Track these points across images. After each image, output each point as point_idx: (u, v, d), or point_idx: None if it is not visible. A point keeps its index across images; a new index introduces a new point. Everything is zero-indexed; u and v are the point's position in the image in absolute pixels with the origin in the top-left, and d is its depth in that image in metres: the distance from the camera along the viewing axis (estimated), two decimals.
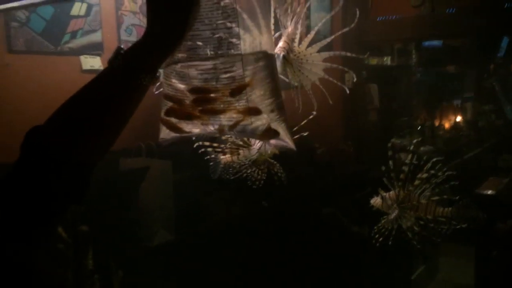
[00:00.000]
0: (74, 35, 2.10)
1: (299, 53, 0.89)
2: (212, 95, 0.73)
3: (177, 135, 0.79)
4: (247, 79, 0.72)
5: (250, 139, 1.09)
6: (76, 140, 0.68)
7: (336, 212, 3.46)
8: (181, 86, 0.76)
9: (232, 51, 0.71)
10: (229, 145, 1.13)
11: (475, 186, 3.44)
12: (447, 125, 5.59)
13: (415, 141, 1.36)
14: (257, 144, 1.10)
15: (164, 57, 0.71)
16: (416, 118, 5.25)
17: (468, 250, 3.66)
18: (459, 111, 5.97)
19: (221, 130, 0.75)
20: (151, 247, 2.04)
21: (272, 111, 0.74)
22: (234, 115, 0.73)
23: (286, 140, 0.77)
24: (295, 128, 0.96)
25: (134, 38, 2.37)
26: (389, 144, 1.35)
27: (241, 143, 1.13)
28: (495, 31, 4.26)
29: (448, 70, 6.33)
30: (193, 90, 0.74)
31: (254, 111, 0.72)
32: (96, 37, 2.19)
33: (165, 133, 0.80)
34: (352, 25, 0.93)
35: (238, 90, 0.72)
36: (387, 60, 4.95)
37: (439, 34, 4.20)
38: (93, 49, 2.19)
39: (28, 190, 0.67)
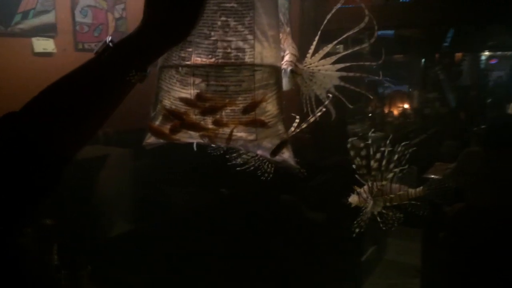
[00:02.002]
0: (25, 15, 1.97)
1: (311, 64, 0.88)
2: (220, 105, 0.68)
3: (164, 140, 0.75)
4: (257, 93, 0.68)
5: None
6: (53, 130, 0.63)
7: (294, 199, 3.51)
8: (183, 94, 0.69)
9: (243, 58, 0.67)
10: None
11: (423, 171, 3.61)
12: (395, 112, 5.80)
13: (371, 133, 1.37)
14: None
15: (159, 55, 0.66)
16: (367, 105, 5.41)
17: (415, 232, 3.84)
18: (406, 99, 6.20)
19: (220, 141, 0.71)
20: (111, 238, 1.99)
21: (275, 125, 0.72)
22: (240, 127, 0.69)
23: (289, 156, 0.76)
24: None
25: (89, 19, 2.27)
26: (349, 145, 1.36)
27: None
28: (444, 22, 4.43)
29: (397, 59, 6.55)
30: (202, 99, 0.68)
31: (261, 123, 0.70)
32: (49, 18, 2.07)
33: (152, 139, 0.75)
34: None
35: (252, 106, 0.68)
36: (340, 49, 5.04)
37: (392, 24, 4.31)
38: (46, 30, 2.07)
39: None
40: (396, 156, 1.30)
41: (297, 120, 0.92)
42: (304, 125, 0.92)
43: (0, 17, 1.88)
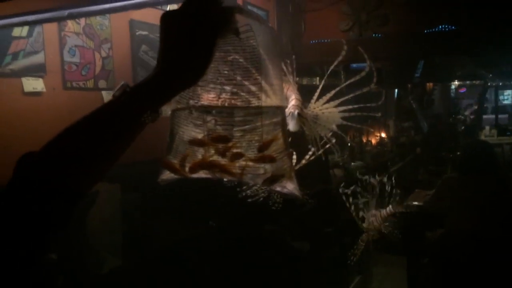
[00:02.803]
0: (15, 56, 2.01)
1: (315, 108, 0.96)
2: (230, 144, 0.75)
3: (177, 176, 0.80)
4: (266, 132, 0.75)
5: None
6: (68, 169, 0.67)
7: (277, 229, 3.54)
8: (196, 134, 0.76)
9: (251, 101, 0.74)
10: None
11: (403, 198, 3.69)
12: (373, 141, 5.94)
13: (354, 164, 1.47)
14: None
15: (172, 98, 0.71)
16: (346, 135, 5.52)
17: (399, 260, 3.90)
18: (383, 128, 6.37)
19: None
20: (100, 275, 1.97)
21: (281, 160, 0.78)
22: (251, 163, 0.75)
23: (294, 188, 0.82)
24: None
25: (77, 59, 2.32)
26: (340, 190, 1.43)
27: None
28: (414, 54, 4.64)
29: (372, 89, 6.74)
30: (216, 140, 0.75)
31: (270, 159, 0.76)
32: (38, 58, 2.11)
33: (167, 175, 0.81)
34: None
35: (266, 145, 0.75)
36: (316, 81, 5.21)
37: (366, 57, 4.47)
38: (36, 70, 2.10)
39: (15, 213, 0.66)
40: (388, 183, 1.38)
41: (294, 156, 0.99)
42: (305, 161, 0.99)
43: None
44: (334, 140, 1.04)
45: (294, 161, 1.01)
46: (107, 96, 2.48)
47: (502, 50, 4.14)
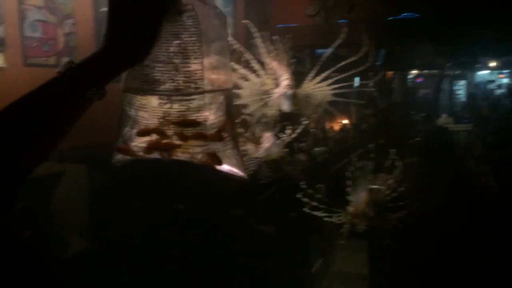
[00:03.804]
0: None
1: (308, 87, 0.97)
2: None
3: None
4: (211, 112, 0.76)
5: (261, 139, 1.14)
6: (13, 146, 0.67)
7: (243, 212, 3.55)
8: (148, 115, 0.76)
9: (195, 84, 0.74)
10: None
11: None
12: (336, 127, 6.03)
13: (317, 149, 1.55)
14: (265, 144, 1.15)
15: (118, 74, 0.72)
16: (310, 121, 5.58)
17: (359, 243, 4.00)
18: (346, 115, 6.48)
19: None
20: (66, 257, 1.92)
21: (228, 140, 0.79)
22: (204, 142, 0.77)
23: (237, 168, 0.82)
24: None
25: (38, 34, 2.21)
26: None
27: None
28: (377, 42, 4.72)
29: (335, 76, 6.83)
30: (186, 124, 0.76)
31: (218, 138, 0.78)
32: None
33: (120, 156, 0.81)
34: None
35: (222, 129, 0.77)
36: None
37: (330, 44, 4.51)
38: None
39: None
40: None
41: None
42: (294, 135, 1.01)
43: None
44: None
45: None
46: None
47: (461, 39, 4.28)
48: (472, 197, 3.08)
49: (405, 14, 3.85)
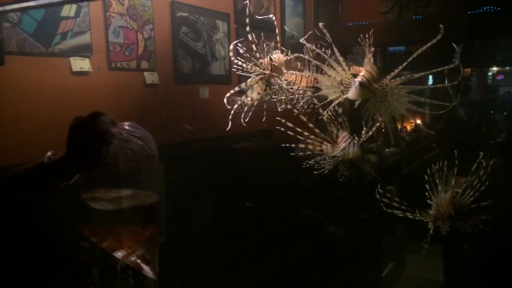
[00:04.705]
0: (64, 36, 2.05)
1: (387, 86, 0.95)
2: None
3: None
4: None
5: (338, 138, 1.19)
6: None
7: (313, 213, 3.54)
8: None
9: None
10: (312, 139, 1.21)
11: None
12: (408, 127, 5.83)
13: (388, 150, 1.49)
14: (341, 143, 1.16)
15: (73, 177, 1.08)
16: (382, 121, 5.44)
17: (434, 248, 3.83)
18: (418, 115, 6.24)
19: None
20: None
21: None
22: None
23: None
24: None
25: (121, 40, 2.35)
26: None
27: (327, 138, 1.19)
28: (454, 38, 4.50)
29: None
30: None
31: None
32: (85, 38, 2.15)
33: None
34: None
35: None
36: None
37: (404, 40, 4.38)
38: (83, 50, 2.14)
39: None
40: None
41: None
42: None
43: (41, 38, 1.96)
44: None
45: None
46: (149, 77, 2.51)
47: None
48: None
49: (485, 7, 3.65)
